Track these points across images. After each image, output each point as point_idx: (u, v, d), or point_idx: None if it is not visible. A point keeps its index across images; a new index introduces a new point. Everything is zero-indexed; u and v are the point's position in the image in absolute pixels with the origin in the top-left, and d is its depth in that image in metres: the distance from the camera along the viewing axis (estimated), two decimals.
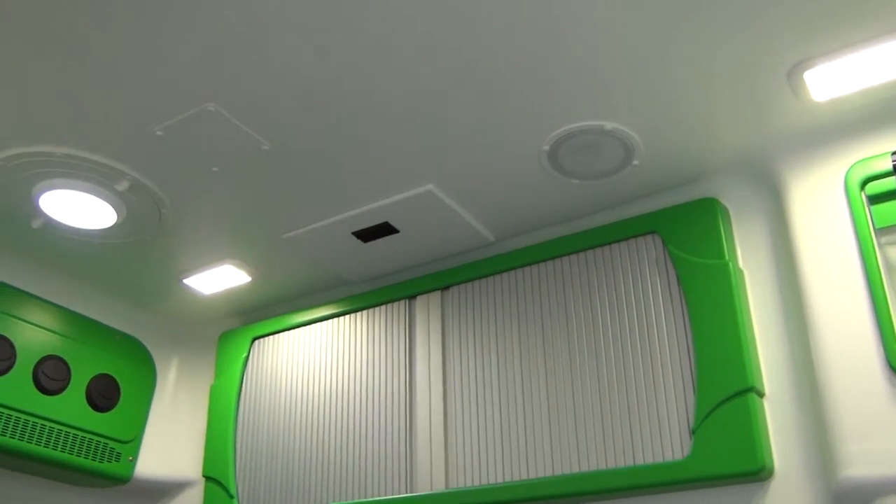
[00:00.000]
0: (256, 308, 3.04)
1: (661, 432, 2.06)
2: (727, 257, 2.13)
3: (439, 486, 2.35)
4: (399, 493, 2.41)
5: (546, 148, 2.13)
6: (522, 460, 2.25)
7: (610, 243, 2.33)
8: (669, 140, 2.12)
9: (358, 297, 2.76)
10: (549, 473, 2.19)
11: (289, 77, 1.89)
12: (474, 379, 2.42)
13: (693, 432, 1.99)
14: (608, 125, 2.05)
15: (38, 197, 2.30)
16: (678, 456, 2.01)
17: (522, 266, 2.46)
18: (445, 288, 2.60)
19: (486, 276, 2.52)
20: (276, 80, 1.90)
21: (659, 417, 2.08)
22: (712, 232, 2.18)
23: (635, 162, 2.18)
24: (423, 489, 2.38)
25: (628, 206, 2.40)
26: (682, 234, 2.21)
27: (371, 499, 2.45)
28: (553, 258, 2.41)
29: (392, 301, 2.68)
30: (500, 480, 2.26)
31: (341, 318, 2.78)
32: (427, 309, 2.60)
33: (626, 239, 2.31)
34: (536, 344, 2.35)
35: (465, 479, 2.32)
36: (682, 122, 2.06)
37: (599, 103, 1.98)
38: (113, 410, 2.87)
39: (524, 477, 2.22)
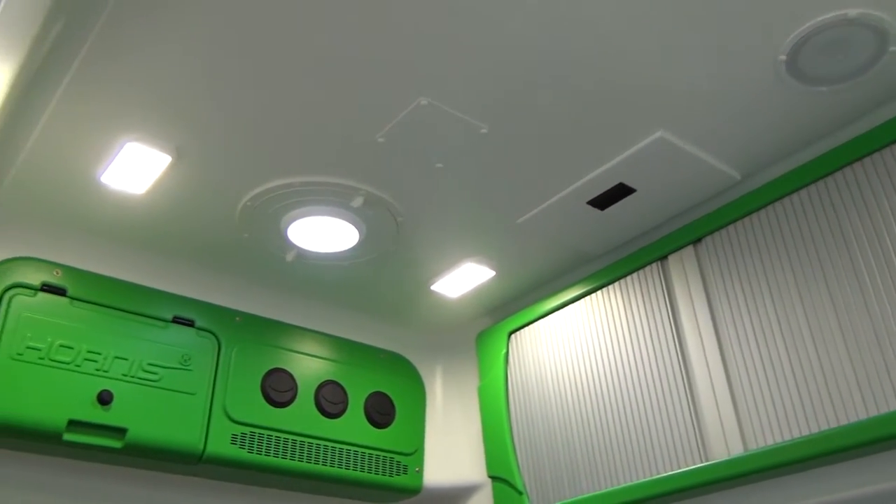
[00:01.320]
0: (507, 302, 3.02)
1: None
2: None
3: (737, 450, 2.16)
4: (693, 464, 2.25)
5: (783, 57, 1.90)
6: (826, 407, 2.01)
7: (883, 148, 2.03)
8: None
9: (606, 269, 2.64)
10: (859, 417, 1.93)
11: (496, 56, 1.85)
12: (751, 330, 2.22)
13: None
14: (851, 12, 1.79)
15: (287, 229, 2.43)
16: None
17: (781, 198, 2.22)
18: (698, 241, 2.41)
19: (741, 217, 2.31)
20: (484, 61, 1.86)
21: None
22: None
23: (892, 48, 1.89)
24: (719, 456, 2.20)
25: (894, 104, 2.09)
26: None
27: (665, 474, 2.30)
28: (816, 181, 2.15)
29: (643, 266, 2.53)
30: (803, 433, 2.03)
31: (594, 296, 2.68)
32: (682, 267, 2.43)
33: None
34: (816, 277, 2.10)
35: (765, 438, 2.11)
36: None
37: None
38: (391, 426, 2.96)
39: (831, 425, 1.98)
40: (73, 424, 2.33)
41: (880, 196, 2.02)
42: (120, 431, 2.40)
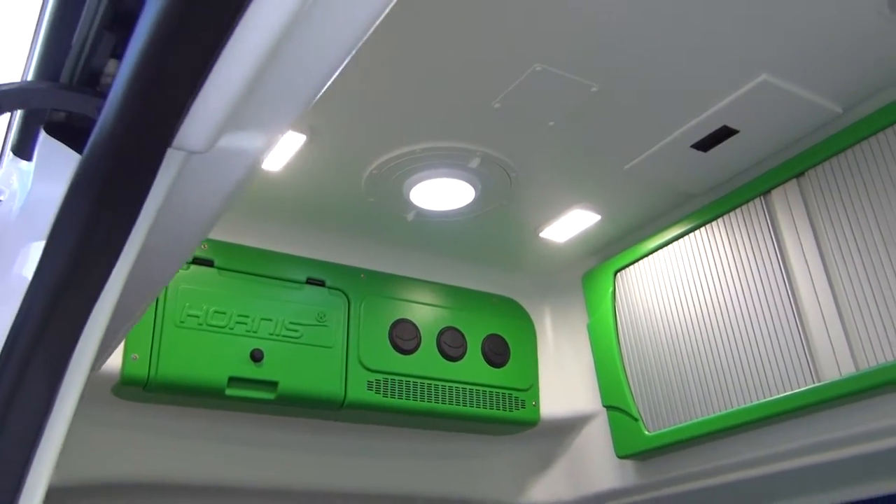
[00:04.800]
0: (610, 243, 3.17)
1: None
2: None
3: (848, 370, 2.30)
4: (805, 385, 2.40)
5: None
6: None
7: None
8: None
9: (710, 206, 2.77)
10: None
11: (603, 18, 1.97)
12: (857, 255, 2.33)
13: None
14: None
15: (409, 192, 2.62)
16: None
17: (882, 129, 2.31)
18: (801, 174, 2.51)
19: (843, 150, 2.40)
20: (592, 24, 1.99)
21: None
22: None
23: None
24: (830, 376, 2.34)
25: None
26: None
27: (776, 396, 2.46)
28: None
29: (746, 202, 2.65)
30: None
31: (698, 232, 2.81)
32: (787, 201, 2.54)
33: None
34: None
35: (876, 357, 2.24)
36: None
37: None
38: (507, 365, 3.18)
39: None
40: (233, 381, 2.61)
41: None
42: (272, 385, 2.67)
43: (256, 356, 2.66)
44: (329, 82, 0.80)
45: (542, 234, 3.03)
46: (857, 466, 2.40)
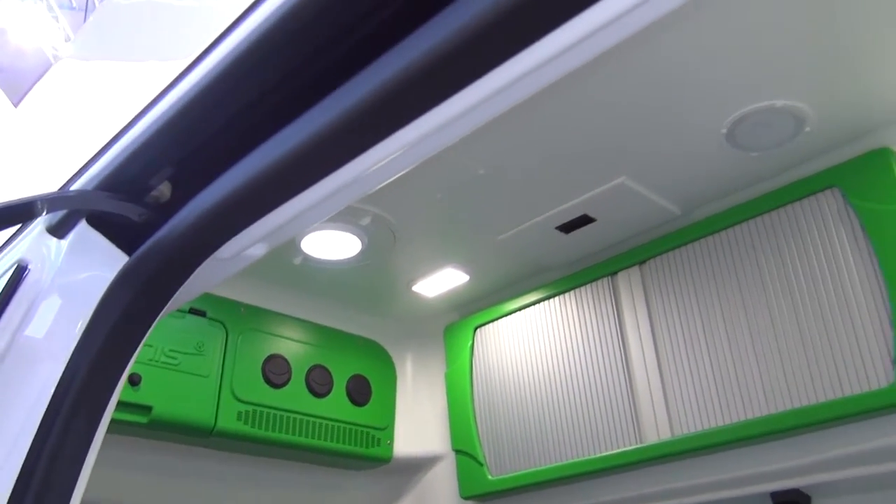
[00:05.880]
0: (474, 301, 3.49)
1: (864, 365, 2.31)
2: None
3: (665, 435, 2.70)
4: (629, 445, 2.78)
5: (724, 131, 2.41)
6: (737, 403, 2.55)
7: (792, 202, 2.58)
8: (837, 105, 2.36)
9: (565, 279, 3.14)
10: (762, 413, 2.49)
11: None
12: (682, 337, 2.75)
13: (895, 362, 2.24)
14: (778, 103, 2.31)
15: (301, 239, 2.82)
16: (882, 384, 2.25)
17: (712, 233, 2.75)
18: (643, 262, 2.93)
19: (680, 246, 2.83)
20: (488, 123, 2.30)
21: (860, 352, 2.32)
22: (890, 179, 2.38)
23: (807, 129, 2.43)
24: (650, 439, 2.74)
25: (807, 165, 2.61)
26: (861, 185, 2.43)
27: (605, 453, 2.83)
28: (739, 222, 2.69)
29: (596, 279, 3.04)
30: (719, 423, 2.57)
31: (552, 301, 3.18)
32: (629, 283, 2.95)
33: (808, 196, 2.55)
34: (735, 299, 2.64)
35: (688, 426, 2.65)
36: (848, 88, 2.29)
37: (768, 85, 2.25)
38: (368, 404, 3.41)
39: (740, 418, 2.53)
40: None
41: (788, 240, 2.57)
42: (147, 409, 2.77)
43: (134, 380, 2.75)
44: (328, 216, 1.03)
45: (414, 288, 3.31)
46: None
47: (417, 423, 3.52)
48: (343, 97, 0.83)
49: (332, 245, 2.89)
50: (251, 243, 0.96)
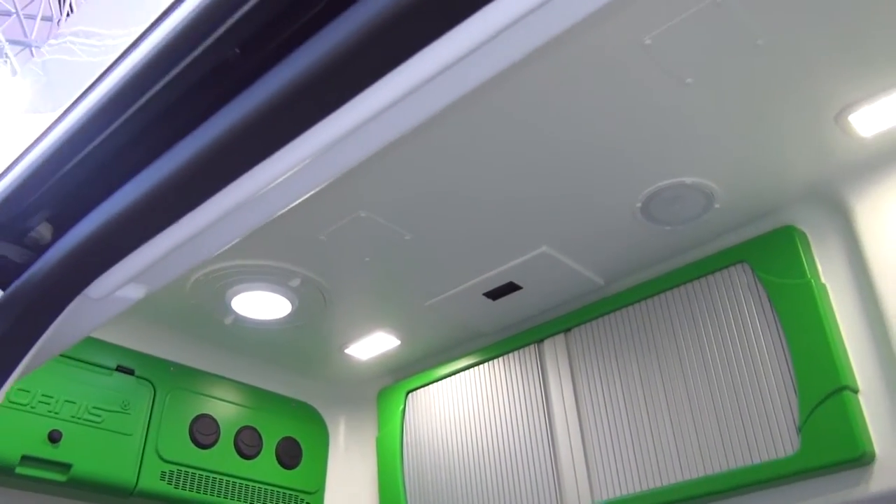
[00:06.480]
0: (407, 365, 3.53)
1: (771, 434, 2.40)
2: (809, 275, 2.46)
3: (586, 500, 2.74)
4: None
5: (639, 205, 2.53)
6: (654, 470, 2.62)
7: (706, 275, 2.69)
8: (743, 183, 2.49)
9: (493, 346, 3.21)
10: (677, 479, 2.55)
11: (422, 179, 2.38)
12: (604, 404, 2.82)
13: (799, 430, 2.32)
14: (688, 180, 2.44)
15: (231, 299, 2.86)
16: (789, 452, 2.34)
17: (632, 304, 2.85)
18: (568, 330, 3.01)
19: (602, 315, 2.92)
20: (414, 183, 2.39)
21: (768, 420, 2.41)
22: (794, 255, 2.51)
23: (717, 205, 2.56)
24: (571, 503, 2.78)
25: (718, 241, 2.75)
26: (768, 260, 2.56)
27: None
28: (657, 294, 2.79)
29: (523, 346, 3.11)
30: (636, 490, 2.63)
31: (481, 367, 3.23)
32: (555, 350, 3.02)
33: (720, 270, 2.67)
34: (653, 368, 2.72)
35: (608, 492, 2.70)
36: (753, 168, 2.43)
37: (678, 164, 2.38)
38: (298, 467, 3.40)
39: (657, 485, 2.59)
40: (26, 459, 2.66)
41: (702, 311, 2.67)
42: (66, 467, 2.74)
43: (54, 437, 2.73)
44: (217, 253, 1.08)
45: (346, 351, 3.34)
46: None
47: (348, 487, 3.51)
48: (207, 131, 0.85)
49: (262, 305, 2.93)
50: (124, 281, 1.00)
